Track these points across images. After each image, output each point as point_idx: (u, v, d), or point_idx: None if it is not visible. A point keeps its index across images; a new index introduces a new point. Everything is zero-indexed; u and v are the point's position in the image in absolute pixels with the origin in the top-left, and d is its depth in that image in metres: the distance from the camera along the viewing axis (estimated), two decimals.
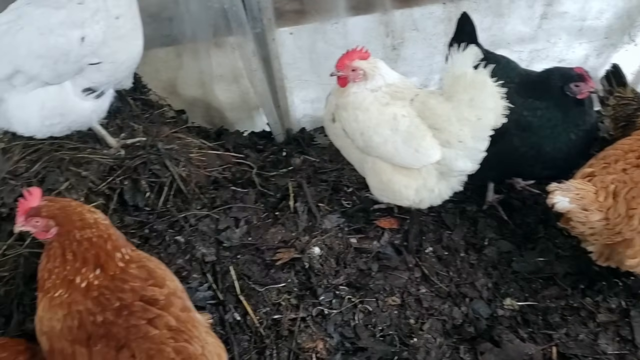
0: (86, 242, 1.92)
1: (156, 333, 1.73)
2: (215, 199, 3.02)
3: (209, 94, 3.82)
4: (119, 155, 2.78)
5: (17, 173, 2.61)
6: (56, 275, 1.88)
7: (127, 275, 1.90)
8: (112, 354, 1.71)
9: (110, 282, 1.86)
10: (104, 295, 1.82)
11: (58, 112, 2.49)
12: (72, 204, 2.06)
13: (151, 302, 1.83)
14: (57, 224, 1.93)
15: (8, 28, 2.35)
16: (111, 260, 1.94)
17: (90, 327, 1.77)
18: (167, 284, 1.94)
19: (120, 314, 1.78)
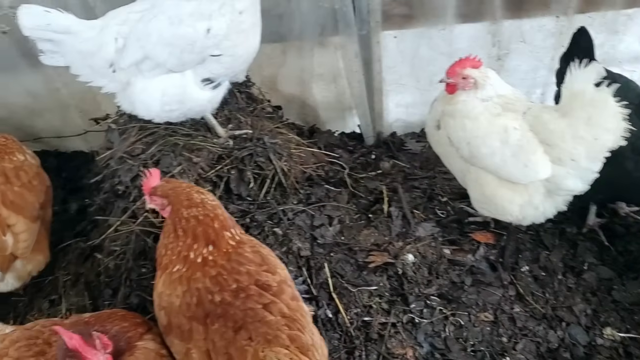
0: (193, 219, 2.01)
1: (272, 319, 1.77)
2: (310, 196, 3.06)
3: (306, 92, 3.88)
4: (227, 145, 2.87)
5: (133, 153, 2.75)
6: (171, 251, 1.97)
7: (242, 258, 1.95)
8: (230, 334, 1.76)
9: (227, 263, 1.92)
10: (222, 276, 1.88)
11: (178, 99, 2.60)
12: (182, 184, 2.16)
13: (265, 287, 1.88)
14: (170, 203, 2.03)
15: (142, 16, 2.48)
16: (221, 238, 2.01)
17: (208, 306, 1.83)
18: (279, 271, 1.99)
19: (238, 296, 1.83)
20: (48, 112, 4.09)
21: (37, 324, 2.02)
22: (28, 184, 2.86)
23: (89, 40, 2.46)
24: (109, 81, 2.58)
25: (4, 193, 2.75)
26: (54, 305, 2.83)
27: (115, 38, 2.47)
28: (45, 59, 2.52)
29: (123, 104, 2.68)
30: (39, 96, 3.97)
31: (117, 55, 2.49)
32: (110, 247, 2.69)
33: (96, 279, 2.75)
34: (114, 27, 2.48)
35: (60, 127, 4.17)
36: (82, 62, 2.50)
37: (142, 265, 2.61)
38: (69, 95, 3.91)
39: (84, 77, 2.58)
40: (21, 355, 1.88)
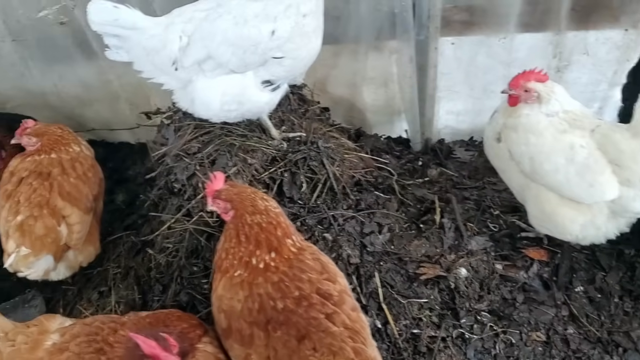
0: (256, 226, 1.99)
1: (336, 330, 1.75)
2: (360, 202, 3.03)
3: (355, 95, 3.84)
4: (281, 147, 2.85)
5: (190, 152, 2.75)
6: (232, 255, 1.95)
7: (303, 265, 1.93)
8: (293, 343, 1.74)
9: (289, 269, 1.90)
10: (284, 282, 1.86)
11: (237, 99, 2.59)
12: (247, 190, 2.14)
13: (326, 296, 1.86)
14: (233, 207, 2.01)
15: (207, 15, 2.47)
16: (283, 245, 2.00)
17: (270, 312, 1.82)
18: (339, 280, 1.96)
19: (300, 304, 1.81)
20: (98, 103, 4.14)
21: (96, 320, 2.03)
22: (83, 175, 2.89)
23: (154, 37, 2.46)
24: (170, 78, 2.58)
25: (61, 184, 2.79)
26: (103, 296, 2.86)
27: (180, 36, 2.47)
28: (111, 54, 2.53)
29: (182, 102, 2.68)
30: (90, 87, 4.02)
31: (181, 54, 2.49)
32: (162, 244, 2.70)
33: (146, 274, 2.76)
34: (179, 25, 2.47)
35: (109, 118, 4.23)
36: (145, 59, 2.51)
37: (194, 263, 2.62)
38: (120, 88, 3.95)
39: (146, 73, 2.59)
40: (82, 351, 1.89)
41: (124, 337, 1.86)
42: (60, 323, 2.10)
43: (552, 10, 3.21)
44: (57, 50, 3.76)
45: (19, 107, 4.08)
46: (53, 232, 2.68)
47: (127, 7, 2.42)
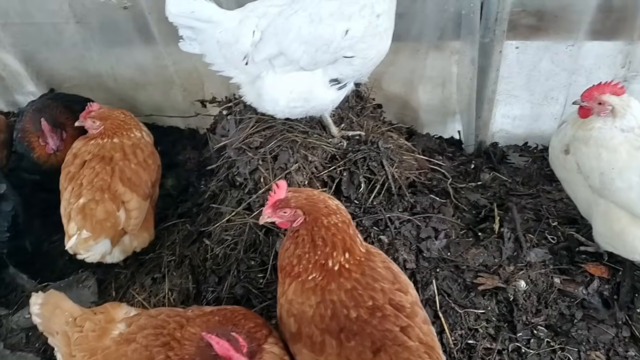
0: (333, 227, 1.95)
1: (412, 344, 1.72)
2: (416, 205, 2.98)
3: (410, 93, 3.78)
4: (340, 146, 2.83)
5: (252, 145, 2.75)
6: (307, 260, 1.93)
7: (376, 273, 1.90)
8: (368, 355, 1.72)
9: (361, 277, 1.87)
10: (357, 290, 1.83)
11: (304, 97, 2.57)
12: (315, 192, 2.11)
13: (398, 307, 1.83)
14: (305, 213, 1.97)
15: (282, 10, 2.44)
16: (354, 244, 1.97)
17: (343, 321, 1.79)
18: (410, 291, 1.93)
19: (374, 315, 1.78)
20: (152, 87, 4.17)
21: (161, 313, 2.04)
22: (143, 162, 2.91)
23: (227, 31, 2.45)
24: (239, 72, 2.57)
25: (122, 170, 2.81)
26: (156, 283, 2.89)
27: (253, 31, 2.45)
28: (184, 45, 2.53)
29: (248, 96, 2.67)
30: (146, 71, 4.05)
31: (253, 48, 2.47)
32: (221, 236, 2.71)
33: (202, 264, 2.78)
34: (253, 19, 2.46)
35: (161, 102, 4.25)
36: (217, 52, 2.50)
37: (251, 257, 2.62)
38: (175, 74, 3.96)
39: (217, 66, 2.58)
40: (149, 344, 1.91)
41: (194, 334, 1.86)
42: (125, 312, 2.12)
43: (626, 19, 3.09)
44: (117, 34, 3.78)
45: (75, 87, 4.13)
46: (113, 216, 2.71)
47: (205, 0, 2.40)
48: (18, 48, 4.02)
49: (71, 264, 3.40)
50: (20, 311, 3.01)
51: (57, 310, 2.12)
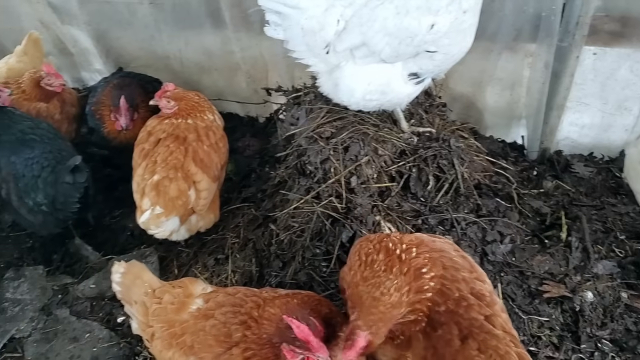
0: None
1: (499, 333, 1.69)
2: (481, 207, 2.95)
3: (477, 94, 3.73)
4: (411, 141, 2.81)
5: (323, 135, 2.76)
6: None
7: (455, 263, 1.87)
8: (456, 342, 1.69)
9: (445, 272, 1.84)
10: (445, 286, 1.81)
11: (381, 89, 2.57)
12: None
13: (479, 296, 1.80)
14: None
15: (368, 1, 2.44)
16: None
17: (432, 315, 1.78)
18: (486, 279, 1.90)
19: (460, 305, 1.75)
20: (216, 72, 4.23)
21: (238, 291, 2.08)
22: (215, 144, 2.96)
23: (313, 18, 2.46)
24: (319, 61, 2.58)
25: (195, 150, 2.87)
26: (219, 263, 2.94)
27: (338, 20, 2.46)
28: (269, 30, 2.56)
29: (324, 86, 2.68)
30: (213, 55, 4.11)
31: (335, 37, 2.48)
32: (287, 222, 2.73)
33: (266, 248, 2.81)
34: (339, 8, 2.46)
35: (223, 88, 4.30)
36: (300, 39, 2.51)
37: (316, 245, 2.64)
38: (241, 60, 4.01)
39: (297, 53, 2.60)
40: (227, 321, 1.94)
41: (273, 315, 1.88)
42: (203, 288, 2.16)
43: None
44: (188, 17, 3.85)
45: (141, 67, 4.22)
46: (184, 195, 2.77)
47: None
48: (92, 26, 4.14)
49: (132, 240, 3.50)
50: (85, 281, 3.11)
51: (138, 281, 2.18)
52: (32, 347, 2.81)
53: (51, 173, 2.99)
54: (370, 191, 2.67)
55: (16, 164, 3.05)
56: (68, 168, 2.87)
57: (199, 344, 1.94)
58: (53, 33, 4.37)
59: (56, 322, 2.91)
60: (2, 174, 3.07)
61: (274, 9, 2.44)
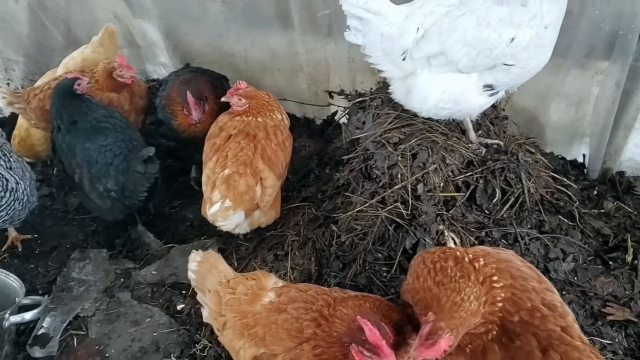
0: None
1: (579, 344, 1.68)
2: (544, 223, 2.92)
3: (541, 108, 3.70)
4: (478, 152, 2.81)
5: (391, 141, 2.78)
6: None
7: (523, 273, 1.87)
8: (537, 354, 1.69)
9: (514, 281, 1.84)
10: (516, 296, 1.81)
11: (454, 99, 2.58)
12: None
13: (551, 307, 1.79)
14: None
15: (449, 11, 2.46)
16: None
17: (506, 325, 1.78)
18: (554, 290, 1.89)
19: (534, 315, 1.75)
20: (279, 72, 4.31)
21: (310, 288, 2.12)
22: (282, 143, 3.02)
23: (393, 25, 2.49)
24: (394, 67, 2.62)
25: (264, 148, 2.94)
26: (278, 259, 2.99)
27: (417, 27, 2.48)
28: (348, 35, 2.60)
29: (396, 92, 2.71)
30: (277, 56, 4.19)
31: (413, 45, 2.50)
32: (350, 224, 2.77)
33: (327, 248, 2.85)
34: (419, 16, 2.49)
35: (284, 88, 4.38)
36: (378, 45, 2.55)
37: (378, 250, 2.66)
38: (305, 62, 4.08)
39: (374, 59, 2.63)
40: (300, 316, 1.99)
41: (346, 315, 1.91)
42: (274, 282, 2.22)
43: None
44: (257, 17, 3.94)
45: (206, 63, 4.33)
46: (252, 190, 2.84)
47: None
48: (163, 21, 4.27)
49: (192, 230, 3.61)
50: (146, 267, 3.22)
51: (213, 270, 2.25)
52: (95, 326, 2.92)
53: (123, 161, 3.11)
54: (436, 200, 2.68)
55: (90, 150, 3.18)
56: (141, 158, 2.98)
57: (271, 337, 1.99)
58: (124, 25, 4.53)
59: (118, 304, 3.02)
60: (76, 159, 3.21)
61: (356, 14, 2.48)
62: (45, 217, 3.69)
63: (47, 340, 2.86)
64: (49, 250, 3.45)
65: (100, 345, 2.82)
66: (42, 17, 4.66)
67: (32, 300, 2.80)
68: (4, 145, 3.22)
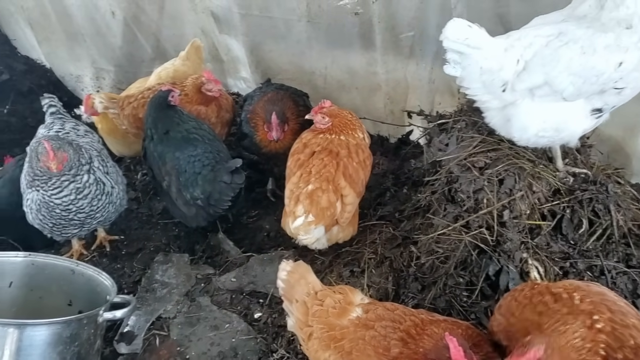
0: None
1: None
2: (631, 257, 2.82)
3: (628, 138, 3.57)
4: (566, 181, 2.76)
5: (477, 165, 2.78)
6: None
7: (621, 307, 1.83)
8: None
9: (612, 315, 1.80)
10: (617, 330, 1.77)
11: (556, 126, 2.56)
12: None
13: None
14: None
15: (549, 42, 2.45)
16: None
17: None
18: None
19: (637, 354, 1.71)
20: (356, 90, 4.39)
21: (397, 308, 2.16)
22: (363, 162, 3.09)
23: (492, 58, 2.50)
24: (493, 98, 2.61)
25: (346, 166, 3.01)
26: (354, 275, 3.04)
27: (517, 60, 2.49)
28: (447, 68, 2.61)
29: (493, 120, 2.70)
30: (355, 75, 4.27)
31: (514, 77, 2.51)
32: (431, 247, 2.78)
33: (405, 268, 2.87)
34: (519, 49, 2.49)
35: (360, 106, 4.44)
36: (477, 77, 2.56)
37: (460, 274, 2.66)
38: (384, 81, 4.14)
39: (472, 90, 2.63)
40: (387, 334, 2.02)
41: (436, 333, 1.93)
42: (361, 299, 2.27)
43: None
44: (340, 37, 4.04)
45: (286, 80, 4.47)
46: (333, 206, 2.91)
47: (478, 27, 2.48)
48: (248, 37, 4.46)
49: (268, 240, 3.71)
50: (226, 274, 3.34)
51: (302, 281, 2.32)
52: (177, 328, 3.05)
53: (210, 171, 3.27)
54: (521, 227, 2.65)
55: (180, 159, 3.36)
56: (229, 169, 3.12)
57: (358, 352, 2.03)
58: (210, 41, 4.76)
59: (199, 308, 3.14)
60: (166, 167, 3.39)
61: (456, 49, 2.50)
62: (131, 220, 3.90)
63: (132, 338, 3.02)
64: (134, 251, 3.64)
65: (181, 347, 2.94)
66: (134, 30, 4.96)
67: (122, 299, 2.96)
68: (102, 151, 3.45)
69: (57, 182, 3.00)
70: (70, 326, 2.62)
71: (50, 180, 3.00)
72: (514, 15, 3.24)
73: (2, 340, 2.49)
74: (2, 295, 3.04)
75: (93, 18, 4.95)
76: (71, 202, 3.05)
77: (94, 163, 3.20)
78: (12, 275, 3.07)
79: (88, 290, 3.05)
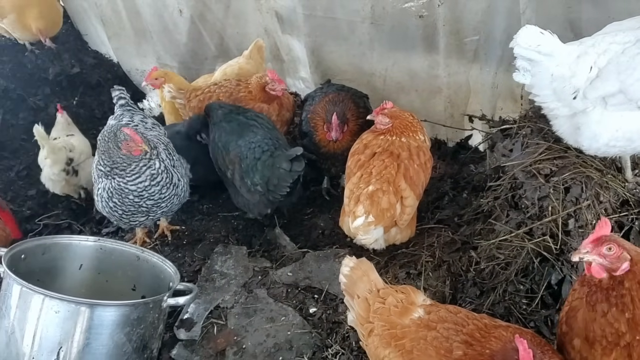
0: None
1: None
2: None
3: None
4: (635, 192, 2.69)
5: (542, 172, 2.74)
6: (635, 322, 1.78)
7: None
8: None
9: None
10: None
11: (628, 136, 2.49)
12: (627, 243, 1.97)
13: None
14: (633, 260, 1.82)
15: (625, 49, 2.39)
16: None
17: None
18: None
19: None
20: (415, 93, 4.39)
21: (460, 311, 2.16)
22: (423, 164, 3.09)
23: (564, 65, 2.46)
24: (562, 106, 2.55)
25: (407, 168, 3.02)
26: (410, 277, 3.05)
27: (591, 67, 2.44)
28: (517, 75, 2.57)
29: (561, 128, 2.65)
30: (416, 77, 4.27)
31: (586, 85, 2.46)
32: (492, 252, 2.76)
33: (463, 273, 2.86)
34: (592, 56, 2.44)
35: (418, 109, 4.41)
36: (548, 84, 2.51)
37: (521, 281, 2.63)
38: (445, 85, 4.12)
39: (541, 97, 2.58)
40: (450, 336, 2.03)
41: (504, 336, 1.93)
42: (423, 300, 2.28)
43: None
44: (403, 39, 4.05)
45: (345, 80, 4.52)
46: (393, 208, 2.93)
47: (550, 33, 2.45)
48: (310, 38, 4.53)
49: (323, 238, 3.77)
50: (283, 268, 3.41)
51: (364, 277, 2.36)
52: (234, 318, 3.14)
53: (270, 157, 3.36)
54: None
55: (241, 147, 3.48)
56: (289, 156, 3.21)
57: (419, 351, 2.05)
58: (272, 40, 4.86)
59: (256, 300, 3.23)
60: (230, 156, 3.51)
61: (527, 56, 2.47)
62: (192, 211, 4.03)
63: (191, 325, 3.13)
64: (194, 242, 3.77)
65: (238, 337, 3.03)
66: (200, 27, 5.13)
67: (184, 287, 3.07)
68: (169, 145, 3.59)
69: (135, 167, 3.14)
70: (138, 309, 2.75)
71: (129, 167, 3.14)
72: (585, 21, 3.17)
73: (75, 318, 2.65)
74: (73, 276, 3.22)
75: (161, 15, 5.15)
76: (144, 188, 3.19)
77: (161, 155, 3.33)
78: (83, 258, 3.25)
79: (151, 277, 3.19)
